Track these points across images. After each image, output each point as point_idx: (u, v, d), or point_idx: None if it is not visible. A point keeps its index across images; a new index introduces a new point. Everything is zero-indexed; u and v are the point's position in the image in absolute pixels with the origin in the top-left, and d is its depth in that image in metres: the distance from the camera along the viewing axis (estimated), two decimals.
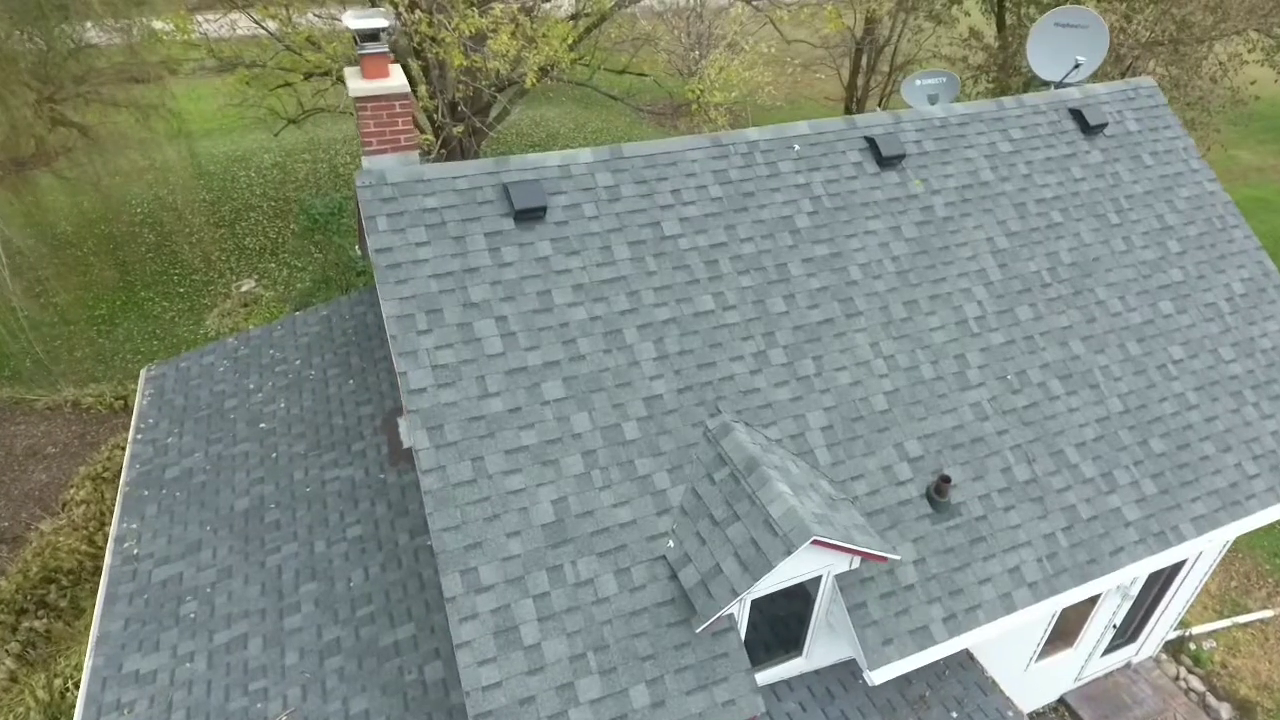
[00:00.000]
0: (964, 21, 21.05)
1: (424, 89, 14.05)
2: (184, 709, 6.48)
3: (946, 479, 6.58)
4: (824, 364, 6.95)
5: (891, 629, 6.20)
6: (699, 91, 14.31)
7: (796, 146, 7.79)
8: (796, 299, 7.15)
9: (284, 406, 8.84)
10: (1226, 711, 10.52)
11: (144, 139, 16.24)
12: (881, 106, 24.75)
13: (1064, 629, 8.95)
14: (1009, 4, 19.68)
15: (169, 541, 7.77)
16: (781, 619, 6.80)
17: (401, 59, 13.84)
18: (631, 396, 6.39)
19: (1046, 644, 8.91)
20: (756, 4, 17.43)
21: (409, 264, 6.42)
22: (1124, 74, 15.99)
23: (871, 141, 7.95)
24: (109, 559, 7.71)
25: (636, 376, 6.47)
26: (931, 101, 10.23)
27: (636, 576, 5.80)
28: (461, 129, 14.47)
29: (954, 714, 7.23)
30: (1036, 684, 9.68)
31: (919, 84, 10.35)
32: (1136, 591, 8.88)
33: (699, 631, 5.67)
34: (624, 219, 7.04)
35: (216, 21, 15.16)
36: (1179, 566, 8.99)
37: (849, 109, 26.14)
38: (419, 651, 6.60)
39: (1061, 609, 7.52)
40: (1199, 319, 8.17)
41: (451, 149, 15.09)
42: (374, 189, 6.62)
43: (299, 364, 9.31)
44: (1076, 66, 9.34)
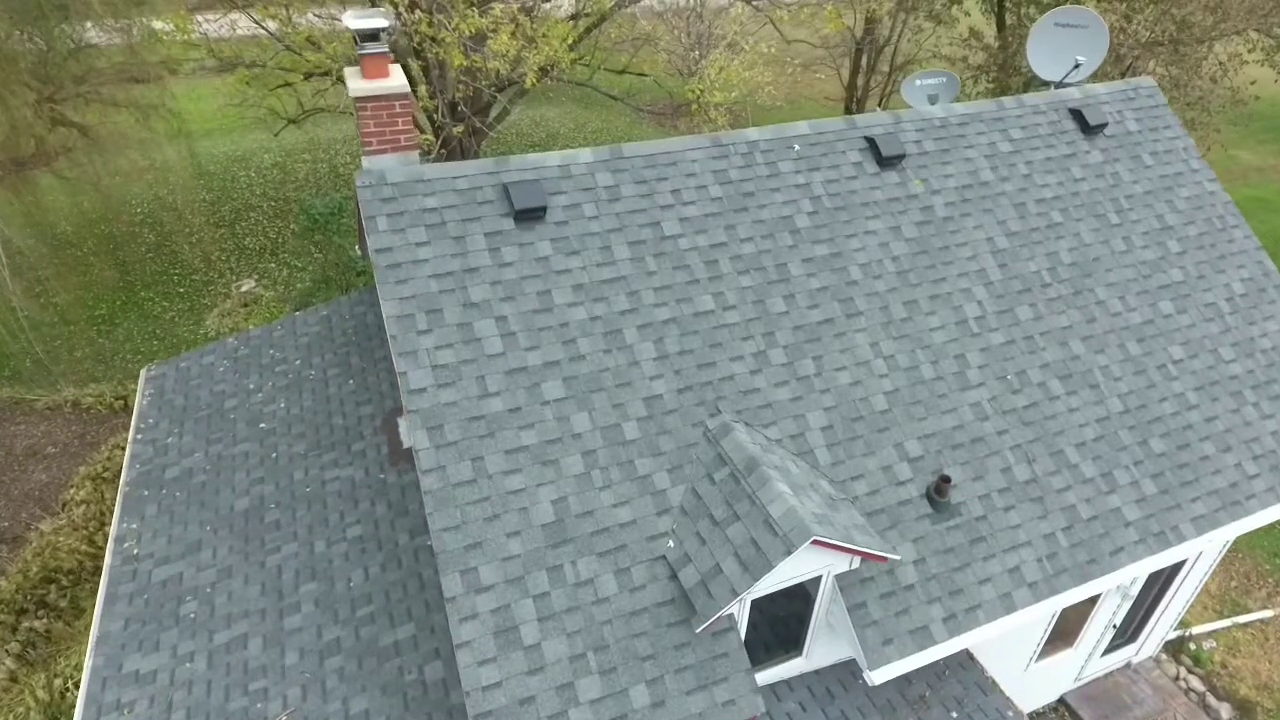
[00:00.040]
0: (964, 21, 21.06)
1: (424, 89, 14.05)
2: (184, 709, 6.48)
3: (946, 479, 6.58)
4: (824, 364, 6.95)
5: (891, 629, 6.20)
6: (699, 91, 14.31)
7: (796, 146, 7.79)
8: (796, 299, 7.15)
9: (284, 406, 8.84)
10: (1226, 711, 10.52)
11: (144, 139, 16.25)
12: (881, 106, 24.75)
13: (1064, 629, 8.95)
14: (1009, 4, 19.68)
15: (169, 541, 7.77)
16: (781, 619, 6.80)
17: (401, 59, 13.84)
18: (631, 396, 6.39)
19: (1046, 644, 8.91)
20: (756, 4, 17.43)
21: (409, 264, 6.42)
22: (1124, 74, 15.99)
23: (872, 141, 7.95)
24: (109, 559, 7.71)
25: (636, 376, 6.47)
26: (931, 101, 10.23)
27: (636, 576, 5.80)
28: (461, 129, 14.48)
29: (954, 714, 7.23)
30: (1036, 684, 9.68)
31: (919, 84, 10.35)
32: (1136, 591, 8.89)
33: (699, 631, 5.68)
34: (624, 219, 7.04)
35: (216, 21, 15.16)
36: (1179, 566, 8.99)
37: (849, 109, 26.14)
38: (419, 651, 6.60)
39: (1061, 609, 7.52)
40: (1199, 319, 8.17)
41: (451, 149, 15.08)
42: (374, 189, 6.62)
43: (299, 364, 9.31)
44: (1076, 66, 9.34)
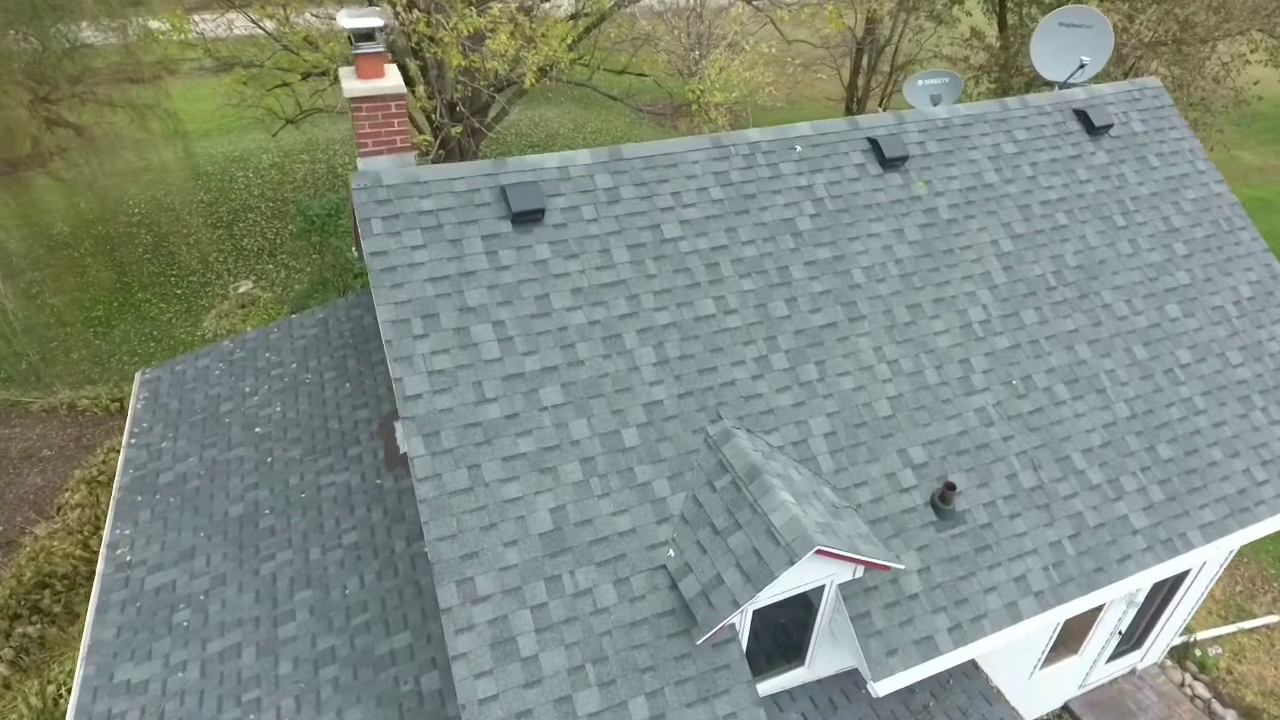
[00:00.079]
0: (965, 21, 20.99)
1: (422, 89, 13.96)
2: None
3: (951, 486, 6.48)
4: (827, 369, 6.85)
5: (896, 639, 6.10)
6: (699, 92, 14.23)
7: (798, 148, 7.69)
8: (799, 303, 7.04)
9: (279, 411, 8.74)
10: (1232, 718, 10.42)
11: (140, 139, 16.18)
12: (882, 107, 24.66)
13: (1069, 636, 8.86)
14: (1010, 4, 19.61)
15: (162, 548, 7.66)
16: (784, 629, 6.70)
17: (400, 59, 13.75)
18: (631, 402, 6.28)
19: (1051, 651, 8.81)
20: (757, 4, 17.35)
21: (404, 267, 6.32)
22: (1127, 74, 15.93)
23: (874, 143, 7.84)
24: (101, 566, 7.61)
25: (636, 382, 6.37)
26: (934, 102, 10.13)
27: (636, 586, 5.70)
28: (460, 129, 14.37)
29: None
30: (1041, 691, 9.58)
31: (921, 84, 10.26)
32: (1142, 598, 8.79)
33: (700, 643, 5.57)
34: (623, 221, 6.93)
35: (213, 21, 15.09)
36: (1185, 573, 8.89)
37: (850, 109, 26.08)
38: (415, 661, 6.49)
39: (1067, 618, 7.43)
40: (1206, 322, 8.07)
41: (450, 149, 14.98)
42: (369, 191, 6.51)
43: (295, 367, 9.20)
44: (1081, 67, 9.24)
